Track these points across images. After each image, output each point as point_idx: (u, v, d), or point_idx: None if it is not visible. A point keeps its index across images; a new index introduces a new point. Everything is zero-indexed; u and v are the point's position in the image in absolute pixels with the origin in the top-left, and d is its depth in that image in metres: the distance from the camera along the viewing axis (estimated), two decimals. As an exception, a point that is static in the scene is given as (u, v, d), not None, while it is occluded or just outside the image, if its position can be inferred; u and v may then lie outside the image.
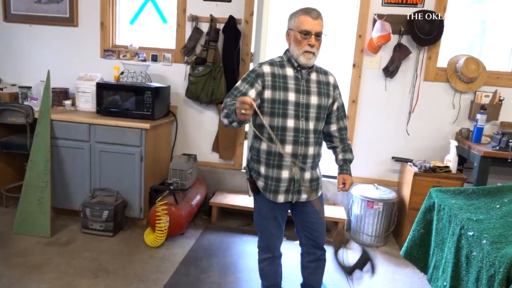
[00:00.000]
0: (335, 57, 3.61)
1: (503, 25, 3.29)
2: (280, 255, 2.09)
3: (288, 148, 1.83)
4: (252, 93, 1.76)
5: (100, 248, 2.84)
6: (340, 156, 2.04)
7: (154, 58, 3.64)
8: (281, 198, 1.89)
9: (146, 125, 3.04)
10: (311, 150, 1.87)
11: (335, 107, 1.96)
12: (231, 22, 3.39)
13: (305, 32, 1.76)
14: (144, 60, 3.63)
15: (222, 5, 3.46)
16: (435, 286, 2.03)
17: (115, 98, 3.25)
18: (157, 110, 3.26)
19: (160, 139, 3.41)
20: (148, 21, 3.71)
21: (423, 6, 3.19)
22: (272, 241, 2.01)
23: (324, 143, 2.04)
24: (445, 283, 1.87)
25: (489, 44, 3.40)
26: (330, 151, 2.11)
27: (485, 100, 3.22)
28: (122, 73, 3.38)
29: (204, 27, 3.49)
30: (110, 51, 3.68)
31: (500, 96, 3.20)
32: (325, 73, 1.95)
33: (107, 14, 3.63)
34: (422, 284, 2.64)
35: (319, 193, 2.00)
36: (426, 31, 3.12)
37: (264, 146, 1.87)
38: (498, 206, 1.82)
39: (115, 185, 3.13)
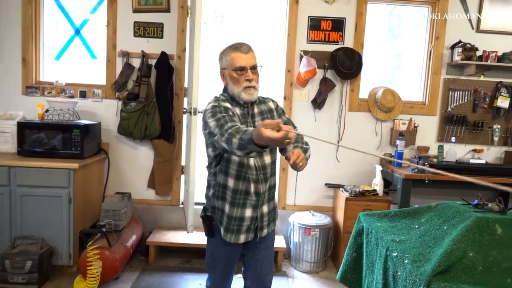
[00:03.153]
0: (267, 90, 3.76)
1: (415, 58, 3.69)
2: None
3: (253, 187, 1.75)
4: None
5: (23, 304, 2.58)
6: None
7: (83, 95, 3.51)
8: (242, 238, 1.80)
9: (74, 164, 2.89)
10: (271, 182, 1.85)
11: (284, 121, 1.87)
12: (164, 57, 3.41)
13: (240, 68, 1.70)
14: (72, 97, 3.49)
15: (154, 41, 3.48)
16: (369, 308, 2.11)
17: (40, 137, 3.06)
18: (87, 148, 3.12)
19: (91, 178, 3.25)
20: (75, 56, 3.59)
21: (343, 44, 3.49)
22: (222, 283, 1.94)
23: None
24: (377, 304, 1.96)
25: (404, 76, 3.78)
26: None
27: (403, 127, 3.54)
28: (47, 110, 3.21)
29: (136, 62, 3.47)
30: (33, 88, 3.48)
31: (414, 123, 3.54)
32: (263, 101, 1.89)
33: (30, 49, 3.46)
34: (359, 306, 2.73)
35: (275, 224, 1.96)
36: (347, 66, 3.40)
37: (231, 183, 1.75)
38: (416, 226, 1.98)
39: (40, 232, 2.89)
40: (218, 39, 4.00)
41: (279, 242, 3.35)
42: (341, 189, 3.41)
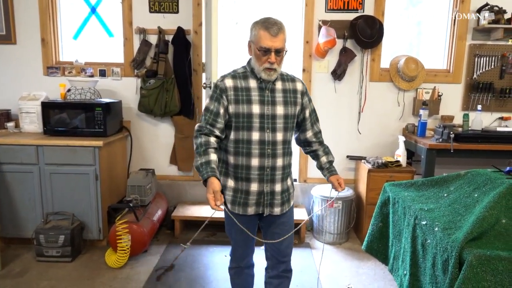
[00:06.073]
0: (286, 62, 3.70)
1: (436, 25, 3.56)
2: (249, 266, 2.05)
3: (255, 161, 1.78)
4: (222, 110, 1.77)
5: (59, 275, 2.70)
6: (324, 159, 1.98)
7: (103, 73, 3.53)
8: (251, 211, 1.85)
9: (98, 142, 2.94)
10: (279, 162, 1.81)
11: (307, 114, 1.91)
12: (180, 33, 3.37)
13: (265, 49, 1.69)
14: (92, 76, 3.51)
15: (170, 16, 3.44)
16: (396, 276, 2.14)
17: (63, 116, 3.11)
18: (109, 126, 3.16)
19: (115, 155, 3.31)
20: (93, 35, 3.59)
21: (363, 12, 3.38)
22: (238, 251, 1.98)
23: (296, 152, 2.01)
24: (405, 272, 1.98)
25: (425, 44, 3.66)
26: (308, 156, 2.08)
27: (426, 97, 3.46)
28: (68, 90, 3.25)
29: (153, 39, 3.45)
30: (54, 68, 3.52)
31: (438, 92, 3.45)
32: (292, 79, 1.87)
33: (48, 29, 3.47)
34: (384, 275, 2.77)
35: (291, 204, 1.95)
36: (368, 35, 3.30)
37: (231, 159, 1.82)
38: (445, 194, 1.96)
39: (70, 208, 2.99)
40: (232, 14, 3.91)
41: (301, 214, 3.39)
42: (363, 161, 3.38)
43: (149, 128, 3.60)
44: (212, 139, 1.76)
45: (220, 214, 3.21)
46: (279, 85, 1.82)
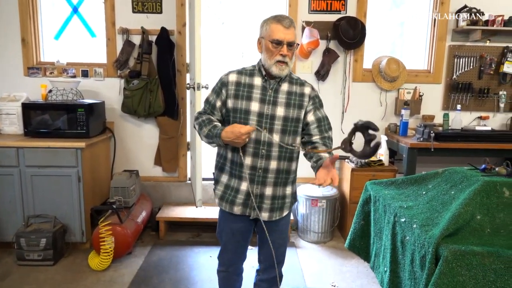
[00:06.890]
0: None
1: (418, 26, 3.62)
2: (238, 273, 2.01)
3: (248, 160, 1.74)
4: (219, 103, 1.79)
5: (40, 279, 2.66)
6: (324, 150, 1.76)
7: (85, 74, 3.49)
8: (237, 210, 1.81)
9: (81, 144, 2.91)
10: (273, 164, 1.76)
11: (311, 118, 1.81)
12: (164, 33, 3.36)
13: (277, 41, 1.67)
14: (74, 76, 3.47)
15: (153, 16, 3.43)
16: (377, 273, 2.17)
17: (45, 118, 3.07)
18: (92, 127, 3.13)
19: (98, 157, 3.27)
20: (75, 35, 3.55)
21: (346, 13, 3.42)
22: (227, 255, 1.94)
23: (298, 159, 1.90)
24: (385, 269, 2.02)
25: (408, 45, 3.72)
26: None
27: (408, 97, 3.52)
28: (50, 91, 3.21)
29: (136, 39, 3.43)
30: (34, 68, 3.46)
31: (419, 92, 3.51)
32: (302, 83, 1.82)
33: (28, 29, 3.42)
34: (367, 273, 2.81)
35: (284, 213, 1.88)
36: (350, 36, 3.35)
37: (229, 154, 1.80)
38: (424, 192, 2.01)
39: (52, 210, 2.95)
40: (218, 14, 3.92)
41: (286, 214, 3.40)
42: (346, 160, 3.43)
43: (133, 129, 3.58)
44: (214, 117, 1.80)
45: (206, 215, 3.18)
46: (284, 86, 1.78)
